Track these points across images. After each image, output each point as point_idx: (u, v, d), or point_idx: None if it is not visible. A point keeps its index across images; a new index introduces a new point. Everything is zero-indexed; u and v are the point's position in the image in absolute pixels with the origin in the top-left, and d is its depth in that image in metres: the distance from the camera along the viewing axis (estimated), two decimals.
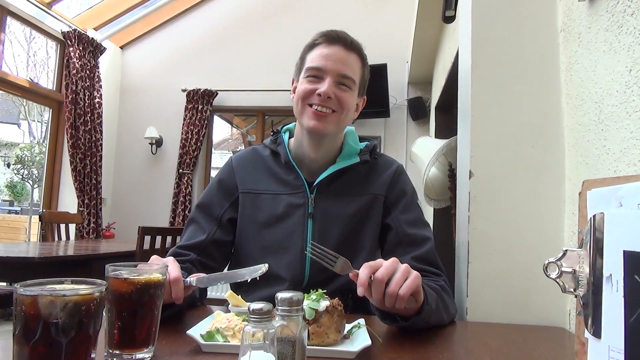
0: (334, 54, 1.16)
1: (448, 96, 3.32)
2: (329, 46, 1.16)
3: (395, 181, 1.26)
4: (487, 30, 1.31)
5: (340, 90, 1.16)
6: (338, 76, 1.15)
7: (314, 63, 1.16)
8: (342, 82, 1.16)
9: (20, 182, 11.53)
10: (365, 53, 1.23)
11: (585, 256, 0.62)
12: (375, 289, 0.85)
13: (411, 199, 1.25)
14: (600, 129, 1.01)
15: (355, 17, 4.95)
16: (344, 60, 1.16)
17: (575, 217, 1.13)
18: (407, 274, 0.87)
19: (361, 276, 0.85)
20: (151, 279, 0.72)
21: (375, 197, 1.23)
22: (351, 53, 1.18)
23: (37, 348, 0.52)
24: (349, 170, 1.23)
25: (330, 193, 1.21)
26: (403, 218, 1.21)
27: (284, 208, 1.21)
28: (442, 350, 0.88)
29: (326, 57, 1.15)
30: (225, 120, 6.38)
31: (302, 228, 1.19)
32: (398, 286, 0.85)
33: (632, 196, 0.56)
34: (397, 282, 0.85)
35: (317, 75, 1.16)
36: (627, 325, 0.54)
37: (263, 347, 0.54)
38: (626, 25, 0.90)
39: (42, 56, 5.38)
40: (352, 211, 1.20)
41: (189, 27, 5.35)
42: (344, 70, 1.16)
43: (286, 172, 1.24)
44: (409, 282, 0.86)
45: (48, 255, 2.42)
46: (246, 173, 1.27)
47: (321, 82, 1.15)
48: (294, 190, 1.22)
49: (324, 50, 1.16)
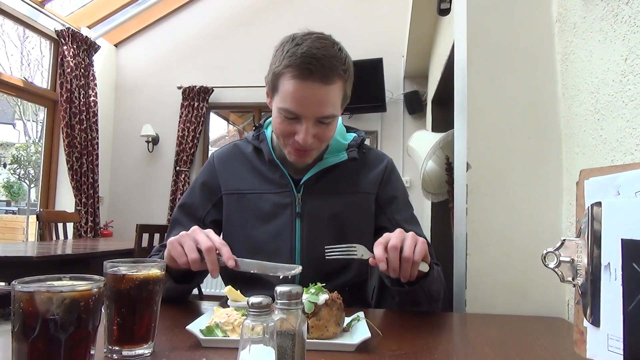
0: (310, 96, 1.01)
1: (444, 90, 3.32)
2: (302, 83, 0.99)
3: (387, 179, 1.23)
4: (483, 22, 1.31)
5: (320, 128, 1.06)
6: (316, 119, 1.04)
7: (287, 105, 1.02)
8: (322, 120, 1.05)
9: (16, 182, 11.49)
10: (348, 63, 1.07)
11: (584, 245, 0.62)
12: (391, 257, 0.91)
13: (404, 197, 1.25)
14: (597, 118, 1.01)
15: (350, 12, 4.94)
16: (322, 101, 1.02)
17: (572, 207, 1.13)
18: (416, 240, 0.94)
19: (377, 254, 0.91)
20: (150, 275, 0.72)
21: (366, 196, 1.20)
22: (330, 85, 1.01)
23: (36, 345, 0.52)
24: (337, 167, 1.18)
25: (318, 191, 1.17)
26: (399, 218, 1.19)
27: (270, 208, 1.16)
28: (441, 341, 0.88)
29: (300, 100, 1.01)
30: (222, 117, 6.36)
31: (290, 228, 1.14)
32: (411, 250, 0.91)
33: (629, 184, 0.56)
34: (409, 247, 0.91)
35: (292, 117, 1.04)
36: (625, 313, 0.54)
37: (263, 341, 0.54)
38: (621, 14, 0.90)
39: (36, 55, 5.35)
40: (341, 210, 1.17)
41: (184, 24, 5.33)
42: (324, 112, 1.03)
43: (271, 169, 1.19)
44: (419, 247, 0.93)
45: (46, 255, 2.41)
46: (229, 172, 1.22)
47: (298, 124, 1.04)
48: (280, 189, 1.17)
49: (297, 90, 1.00)
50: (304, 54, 0.98)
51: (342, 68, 1.04)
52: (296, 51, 1.00)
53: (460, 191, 1.37)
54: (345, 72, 1.05)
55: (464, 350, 0.85)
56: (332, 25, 4.82)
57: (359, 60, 4.51)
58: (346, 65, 1.06)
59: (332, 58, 1.01)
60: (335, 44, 1.06)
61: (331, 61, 1.00)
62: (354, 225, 1.17)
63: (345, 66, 1.05)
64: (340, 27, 4.87)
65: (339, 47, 1.07)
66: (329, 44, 1.04)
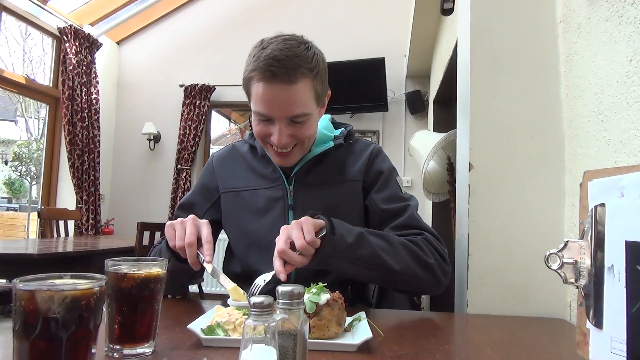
0: (276, 97, 1.03)
1: (446, 90, 3.32)
2: (268, 85, 1.03)
3: (371, 163, 1.24)
4: (486, 22, 1.31)
5: (294, 127, 1.08)
6: (287, 119, 1.06)
7: (258, 108, 1.06)
8: (295, 120, 1.07)
9: (18, 179, 11.51)
10: (316, 60, 1.08)
11: (587, 247, 0.62)
12: (289, 258, 0.91)
13: (387, 177, 1.23)
14: (600, 119, 1.01)
15: (352, 11, 4.93)
16: (289, 101, 1.04)
17: (575, 208, 1.13)
18: (300, 224, 0.94)
19: (276, 267, 0.90)
20: (151, 274, 0.72)
21: (354, 183, 1.21)
22: (295, 85, 1.03)
23: (37, 343, 0.52)
24: (326, 157, 1.21)
25: (309, 183, 1.19)
26: (378, 197, 1.20)
27: (264, 202, 1.20)
28: (443, 342, 0.88)
29: (268, 102, 1.04)
30: (223, 115, 6.36)
31: (283, 221, 1.16)
32: (301, 238, 0.91)
33: (633, 186, 0.56)
34: (297, 237, 0.91)
35: (265, 120, 1.08)
36: (629, 315, 0.54)
37: (264, 341, 0.54)
38: (626, 15, 0.89)
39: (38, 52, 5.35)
40: (332, 200, 1.19)
41: (186, 22, 5.33)
42: (293, 112, 1.05)
43: (264, 165, 1.23)
44: (306, 227, 0.93)
45: (47, 252, 2.41)
46: (226, 172, 1.27)
47: (272, 126, 1.08)
48: (272, 183, 1.21)
49: (264, 92, 1.03)
50: (267, 57, 1.02)
51: (307, 66, 1.05)
52: (260, 55, 1.03)
53: (463, 191, 1.36)
54: (311, 70, 1.06)
55: (465, 351, 0.85)
56: (335, 24, 4.85)
57: (361, 60, 4.52)
58: (313, 63, 1.07)
59: (296, 57, 1.03)
60: (302, 44, 1.07)
61: (294, 61, 1.02)
62: (345, 214, 1.17)
63: (311, 64, 1.06)
64: (343, 26, 4.87)
65: (306, 46, 1.08)
66: (295, 44, 1.05)
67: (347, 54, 4.50)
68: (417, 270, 1.07)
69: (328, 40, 3.20)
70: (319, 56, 1.10)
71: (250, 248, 1.19)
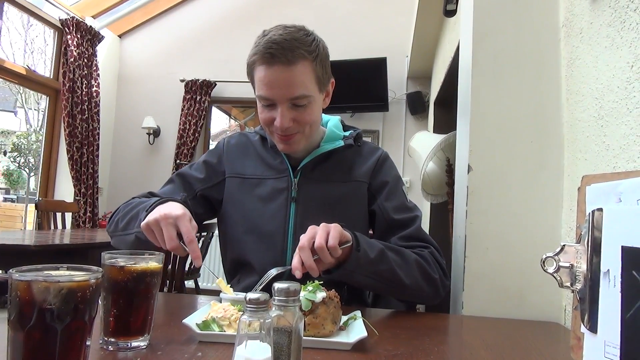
0: (277, 79, 1.06)
1: (447, 91, 3.32)
2: (268, 68, 1.06)
3: (379, 168, 1.27)
4: (489, 24, 1.31)
5: (297, 111, 1.10)
6: (289, 100, 1.08)
7: (260, 91, 1.09)
8: (296, 102, 1.09)
9: (16, 170, 11.48)
10: (316, 44, 1.10)
11: (583, 251, 0.62)
12: (304, 257, 0.91)
13: (395, 185, 1.26)
14: (600, 124, 1.01)
15: (355, 10, 4.92)
16: (289, 82, 1.06)
17: (573, 213, 1.13)
18: (328, 228, 0.94)
19: (293, 262, 0.91)
20: (147, 267, 0.72)
21: (359, 184, 1.24)
22: (295, 66, 1.05)
23: (31, 334, 0.51)
24: (333, 155, 1.24)
25: (314, 177, 1.21)
26: (388, 205, 1.22)
27: (268, 192, 1.21)
28: (437, 342, 0.88)
29: (269, 84, 1.06)
30: (223, 111, 6.34)
31: (284, 212, 1.19)
32: (323, 239, 0.91)
33: (631, 192, 0.56)
34: (320, 236, 0.92)
35: (268, 104, 1.11)
36: (623, 320, 0.54)
37: (259, 337, 0.54)
38: (629, 20, 0.90)
39: (39, 44, 5.33)
40: (335, 197, 1.20)
41: (189, 17, 5.32)
42: (293, 93, 1.07)
43: (273, 156, 1.25)
44: (333, 232, 0.93)
45: (44, 244, 2.41)
46: (235, 158, 1.29)
47: (275, 110, 1.10)
48: (278, 174, 1.22)
49: (265, 75, 1.06)
50: (266, 41, 1.06)
51: (306, 49, 1.07)
52: (261, 41, 1.07)
53: (461, 193, 1.36)
54: (310, 52, 1.08)
55: (460, 352, 0.85)
56: (337, 23, 4.84)
57: (363, 59, 4.51)
58: (312, 47, 1.09)
59: (295, 40, 1.06)
60: (301, 30, 1.10)
61: (292, 43, 1.05)
62: (346, 211, 1.21)
63: (310, 47, 1.08)
64: (345, 25, 4.87)
65: (306, 32, 1.11)
66: (294, 30, 1.09)
67: (349, 53, 4.50)
68: (423, 285, 1.11)
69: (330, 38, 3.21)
70: (320, 42, 1.13)
71: (247, 234, 1.20)
